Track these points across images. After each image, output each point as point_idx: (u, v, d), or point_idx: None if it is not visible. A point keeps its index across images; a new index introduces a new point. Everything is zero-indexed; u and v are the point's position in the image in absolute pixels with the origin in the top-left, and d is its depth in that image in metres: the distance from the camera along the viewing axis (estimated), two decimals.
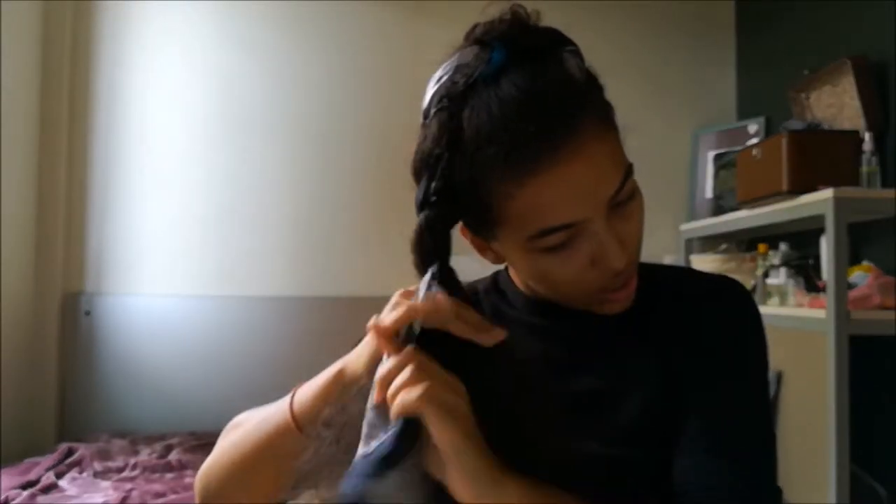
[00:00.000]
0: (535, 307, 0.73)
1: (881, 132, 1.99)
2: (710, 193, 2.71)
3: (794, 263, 2.11)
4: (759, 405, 0.67)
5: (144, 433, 2.42)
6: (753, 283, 2.17)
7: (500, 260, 0.69)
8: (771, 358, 0.69)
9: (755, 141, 2.56)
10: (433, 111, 0.60)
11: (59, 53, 2.61)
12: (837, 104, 2.13)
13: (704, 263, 2.38)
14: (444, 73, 0.61)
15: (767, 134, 2.60)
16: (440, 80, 0.61)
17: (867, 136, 1.91)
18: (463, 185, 0.60)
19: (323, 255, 2.71)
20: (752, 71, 2.84)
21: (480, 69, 0.59)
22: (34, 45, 2.56)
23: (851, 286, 1.78)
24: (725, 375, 0.66)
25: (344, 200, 2.73)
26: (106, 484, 1.94)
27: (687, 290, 0.72)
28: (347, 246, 2.71)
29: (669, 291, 0.71)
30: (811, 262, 2.06)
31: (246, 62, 2.72)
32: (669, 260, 2.64)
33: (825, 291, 1.77)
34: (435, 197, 0.59)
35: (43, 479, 1.95)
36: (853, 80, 2.01)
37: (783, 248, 2.17)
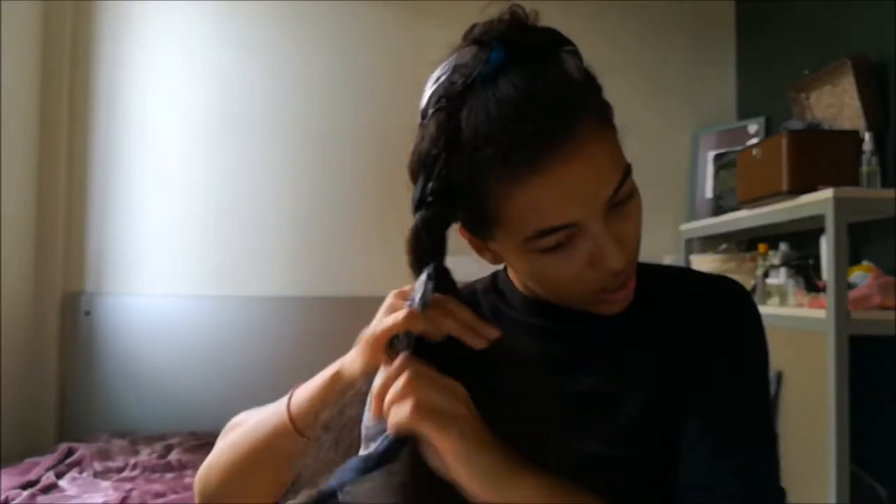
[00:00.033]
0: (533, 307, 0.72)
1: (881, 132, 1.99)
2: (710, 193, 2.71)
3: (794, 263, 2.11)
4: (759, 405, 0.67)
5: (144, 433, 2.42)
6: (753, 283, 2.17)
7: (498, 260, 0.69)
8: (771, 358, 0.69)
9: (755, 141, 2.56)
10: (431, 111, 0.60)
11: (59, 53, 2.61)
12: (837, 104, 2.13)
13: (704, 263, 2.38)
14: (442, 72, 0.61)
15: (767, 134, 2.60)
16: (438, 79, 0.61)
17: (867, 136, 1.91)
18: (461, 185, 0.59)
19: (323, 255, 2.71)
20: (752, 71, 2.83)
21: (478, 69, 0.59)
22: (34, 45, 2.56)
23: (851, 286, 1.78)
24: (726, 375, 0.66)
25: (344, 200, 2.73)
26: (106, 484, 1.94)
27: (687, 290, 0.71)
28: (347, 246, 2.72)
29: (669, 291, 0.71)
30: (811, 262, 2.06)
31: (246, 62, 2.72)
32: (669, 260, 2.64)
33: (825, 291, 1.77)
34: (432, 197, 0.58)
35: (43, 479, 1.95)
36: (853, 80, 2.01)
37: (783, 248, 2.17)
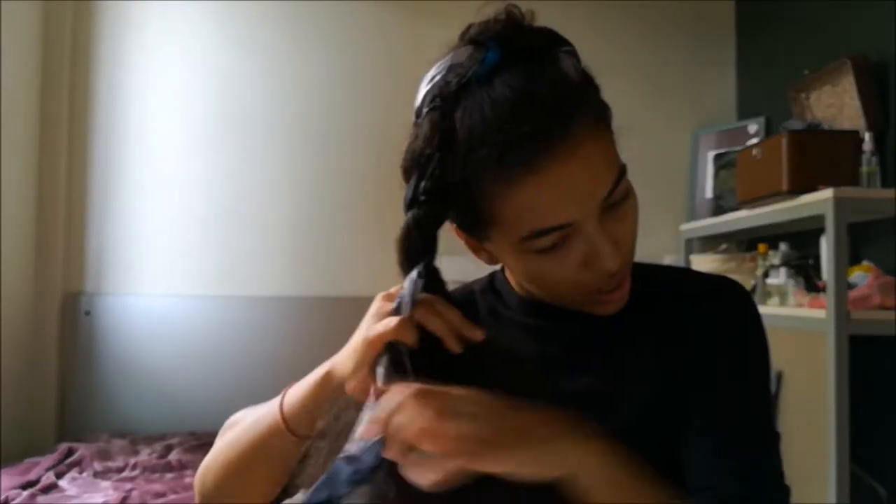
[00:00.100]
0: (530, 308, 0.72)
1: (881, 132, 1.99)
2: (710, 193, 2.71)
3: (794, 263, 2.10)
4: (759, 404, 0.67)
5: (144, 433, 2.42)
6: (753, 283, 2.17)
7: (494, 260, 0.69)
8: (772, 358, 0.69)
9: (755, 141, 2.55)
10: (425, 110, 0.60)
11: (59, 53, 2.61)
12: (837, 104, 2.13)
13: (704, 263, 2.38)
14: (437, 72, 0.61)
15: (767, 134, 2.60)
16: (433, 79, 0.61)
17: (867, 136, 1.91)
18: (455, 185, 0.59)
19: (323, 255, 2.71)
20: (752, 71, 2.83)
21: (474, 69, 0.59)
22: (34, 45, 2.56)
23: (851, 286, 1.77)
24: (726, 375, 0.66)
25: (344, 200, 2.73)
26: (106, 484, 1.94)
27: (686, 290, 0.71)
28: (347, 246, 2.71)
29: (668, 291, 0.71)
30: (811, 262, 2.06)
31: (246, 62, 2.72)
32: (669, 260, 2.64)
33: (825, 291, 1.76)
34: (424, 196, 0.59)
35: (43, 479, 1.95)
36: (853, 80, 2.01)
37: (783, 248, 2.17)
